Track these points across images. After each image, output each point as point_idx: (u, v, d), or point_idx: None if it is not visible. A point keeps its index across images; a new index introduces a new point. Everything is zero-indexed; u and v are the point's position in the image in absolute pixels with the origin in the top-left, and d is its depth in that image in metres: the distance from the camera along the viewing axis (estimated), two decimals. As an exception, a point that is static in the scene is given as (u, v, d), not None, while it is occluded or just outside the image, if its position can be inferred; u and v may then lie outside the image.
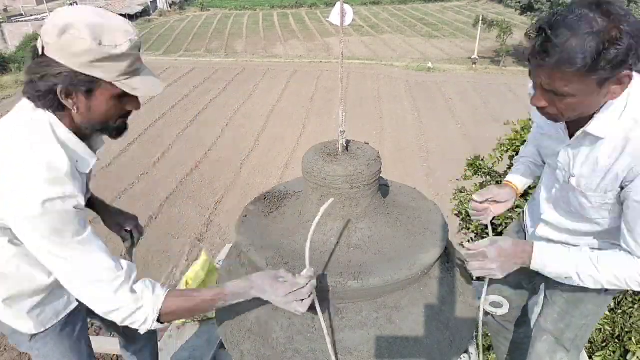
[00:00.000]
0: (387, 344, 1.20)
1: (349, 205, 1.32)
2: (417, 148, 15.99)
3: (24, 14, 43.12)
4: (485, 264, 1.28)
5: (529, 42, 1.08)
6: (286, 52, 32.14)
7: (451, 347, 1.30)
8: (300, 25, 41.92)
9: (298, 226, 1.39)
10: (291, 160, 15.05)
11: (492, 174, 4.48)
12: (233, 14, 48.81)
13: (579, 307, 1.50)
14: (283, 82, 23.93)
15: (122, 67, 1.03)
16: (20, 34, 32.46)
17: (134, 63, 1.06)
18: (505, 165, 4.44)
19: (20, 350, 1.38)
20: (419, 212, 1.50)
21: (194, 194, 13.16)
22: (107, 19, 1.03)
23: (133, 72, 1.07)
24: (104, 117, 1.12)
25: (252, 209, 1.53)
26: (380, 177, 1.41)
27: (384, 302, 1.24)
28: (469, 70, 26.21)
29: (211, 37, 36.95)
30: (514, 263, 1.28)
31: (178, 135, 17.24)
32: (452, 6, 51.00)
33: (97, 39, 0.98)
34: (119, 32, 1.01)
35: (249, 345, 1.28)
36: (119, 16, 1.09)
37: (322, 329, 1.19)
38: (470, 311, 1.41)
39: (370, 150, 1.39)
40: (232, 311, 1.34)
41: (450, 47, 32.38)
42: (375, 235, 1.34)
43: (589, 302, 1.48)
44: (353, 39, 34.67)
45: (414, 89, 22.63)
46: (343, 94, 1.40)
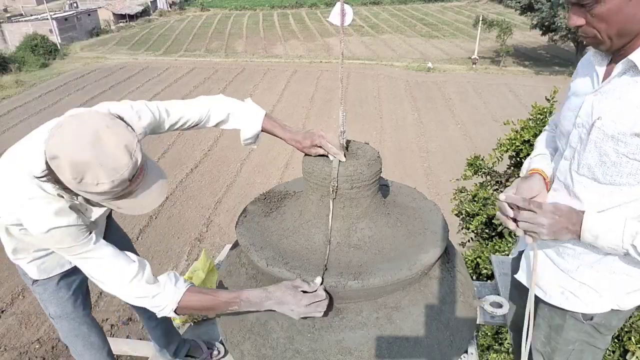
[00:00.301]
0: (387, 344, 1.20)
1: (349, 205, 1.32)
2: (417, 148, 15.98)
3: (24, 14, 43.11)
4: (537, 217, 1.12)
5: None
6: (286, 52, 32.13)
7: (451, 347, 1.30)
8: (300, 25, 41.92)
9: (298, 226, 1.39)
10: (291, 160, 15.06)
11: (492, 173, 4.49)
12: (233, 14, 48.82)
13: (560, 333, 1.42)
14: (283, 82, 23.93)
15: (107, 196, 1.04)
16: (20, 34, 32.44)
17: (122, 191, 1.04)
18: (505, 165, 4.45)
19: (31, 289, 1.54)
20: (419, 212, 1.50)
21: (194, 194, 13.17)
22: (100, 151, 0.97)
23: (120, 197, 1.06)
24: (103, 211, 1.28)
25: (252, 209, 1.53)
26: (380, 177, 1.41)
27: (384, 302, 1.24)
28: (469, 70, 26.20)
29: (211, 37, 36.95)
30: (565, 228, 1.12)
31: (178, 135, 17.23)
32: (452, 6, 51.01)
33: (77, 178, 0.98)
34: (104, 170, 0.97)
35: (249, 345, 1.28)
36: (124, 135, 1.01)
37: (322, 329, 1.19)
38: (470, 311, 1.41)
39: (370, 150, 1.39)
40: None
41: (450, 47, 32.38)
42: (375, 235, 1.34)
43: (570, 329, 1.38)
44: (353, 39, 34.67)
45: (414, 89, 22.63)
46: (343, 94, 1.40)
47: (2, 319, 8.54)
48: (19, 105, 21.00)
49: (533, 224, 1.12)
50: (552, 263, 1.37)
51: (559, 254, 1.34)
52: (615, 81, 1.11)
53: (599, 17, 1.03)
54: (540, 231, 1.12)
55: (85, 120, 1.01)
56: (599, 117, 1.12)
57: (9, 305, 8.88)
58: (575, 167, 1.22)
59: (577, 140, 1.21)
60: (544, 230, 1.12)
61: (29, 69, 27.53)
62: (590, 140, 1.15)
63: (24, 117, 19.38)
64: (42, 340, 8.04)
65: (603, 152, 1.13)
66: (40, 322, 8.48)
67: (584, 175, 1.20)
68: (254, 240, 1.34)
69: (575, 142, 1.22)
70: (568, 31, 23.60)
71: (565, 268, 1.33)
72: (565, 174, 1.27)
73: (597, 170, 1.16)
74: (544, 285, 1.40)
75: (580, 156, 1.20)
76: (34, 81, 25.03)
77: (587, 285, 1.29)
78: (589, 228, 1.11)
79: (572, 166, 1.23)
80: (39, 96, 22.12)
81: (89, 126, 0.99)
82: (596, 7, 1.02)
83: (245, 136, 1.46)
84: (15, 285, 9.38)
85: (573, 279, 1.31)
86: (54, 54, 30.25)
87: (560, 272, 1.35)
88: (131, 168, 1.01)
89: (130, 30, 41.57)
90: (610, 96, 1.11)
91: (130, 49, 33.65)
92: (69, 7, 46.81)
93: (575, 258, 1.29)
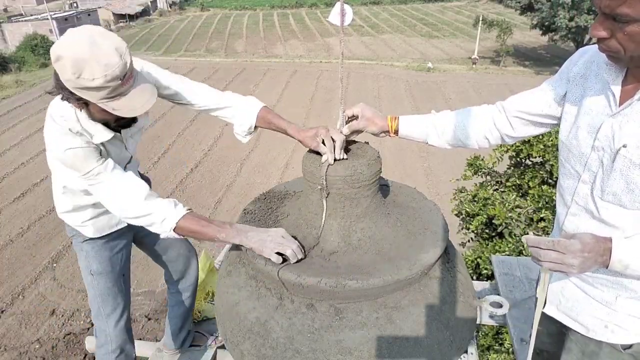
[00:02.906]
0: (387, 344, 1.20)
1: (349, 205, 1.32)
2: (417, 148, 15.97)
3: (24, 14, 43.11)
4: (566, 258, 1.05)
5: None
6: (286, 52, 32.13)
7: (451, 347, 1.30)
8: (300, 25, 41.92)
9: (298, 226, 1.39)
10: (291, 160, 15.05)
11: (492, 173, 4.49)
12: (233, 14, 48.81)
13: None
14: (283, 82, 23.92)
15: (102, 94, 1.21)
16: (20, 34, 32.46)
17: (116, 89, 1.21)
18: (505, 165, 4.45)
19: (75, 248, 1.75)
20: (419, 212, 1.49)
21: (194, 194, 13.16)
22: (95, 50, 1.16)
23: (114, 96, 1.23)
24: (102, 120, 1.38)
25: (252, 209, 1.53)
26: (381, 177, 1.41)
27: (384, 302, 1.24)
28: (469, 70, 26.20)
29: (211, 37, 36.95)
30: (595, 261, 1.06)
31: (178, 135, 17.24)
32: (452, 6, 51.00)
33: (76, 73, 1.16)
34: (99, 66, 1.15)
35: (249, 345, 1.28)
36: (114, 40, 1.20)
37: (322, 329, 1.19)
38: (470, 311, 1.41)
39: (370, 150, 1.39)
40: (232, 311, 1.34)
41: (450, 47, 32.38)
42: (375, 235, 1.34)
43: (605, 357, 1.30)
44: (353, 39, 34.67)
45: (414, 89, 22.62)
46: (343, 94, 1.40)
47: (2, 319, 8.54)
48: (19, 105, 21.00)
49: (562, 264, 1.06)
50: (586, 294, 1.29)
51: (590, 284, 1.27)
52: (637, 105, 1.06)
53: (631, 35, 0.96)
54: (569, 271, 1.06)
55: (82, 29, 1.21)
56: (624, 144, 1.07)
57: (9, 305, 8.88)
58: (599, 193, 1.17)
59: (598, 165, 1.16)
60: (574, 271, 1.06)
61: (29, 69, 27.54)
62: (615, 168, 1.11)
63: (24, 117, 19.38)
64: (42, 340, 8.04)
65: (630, 180, 1.09)
66: (40, 322, 8.48)
67: (609, 202, 1.15)
68: (254, 240, 1.34)
69: (595, 166, 1.17)
70: (568, 31, 23.61)
71: (603, 299, 1.26)
72: (586, 199, 1.22)
73: (624, 197, 1.12)
74: (584, 321, 1.32)
75: (604, 183, 1.15)
76: (34, 81, 25.02)
77: (632, 315, 1.23)
78: (619, 259, 1.05)
79: (595, 192, 1.18)
80: (39, 96, 22.10)
81: (86, 32, 1.19)
82: (632, 25, 0.94)
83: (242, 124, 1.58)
84: (15, 285, 9.39)
85: (616, 311, 1.24)
86: (54, 54, 30.19)
87: (598, 305, 1.27)
88: (122, 66, 1.18)
89: (130, 30, 41.57)
90: (633, 120, 1.07)
91: (130, 49, 33.31)
92: (69, 7, 46.84)
93: (610, 287, 1.23)
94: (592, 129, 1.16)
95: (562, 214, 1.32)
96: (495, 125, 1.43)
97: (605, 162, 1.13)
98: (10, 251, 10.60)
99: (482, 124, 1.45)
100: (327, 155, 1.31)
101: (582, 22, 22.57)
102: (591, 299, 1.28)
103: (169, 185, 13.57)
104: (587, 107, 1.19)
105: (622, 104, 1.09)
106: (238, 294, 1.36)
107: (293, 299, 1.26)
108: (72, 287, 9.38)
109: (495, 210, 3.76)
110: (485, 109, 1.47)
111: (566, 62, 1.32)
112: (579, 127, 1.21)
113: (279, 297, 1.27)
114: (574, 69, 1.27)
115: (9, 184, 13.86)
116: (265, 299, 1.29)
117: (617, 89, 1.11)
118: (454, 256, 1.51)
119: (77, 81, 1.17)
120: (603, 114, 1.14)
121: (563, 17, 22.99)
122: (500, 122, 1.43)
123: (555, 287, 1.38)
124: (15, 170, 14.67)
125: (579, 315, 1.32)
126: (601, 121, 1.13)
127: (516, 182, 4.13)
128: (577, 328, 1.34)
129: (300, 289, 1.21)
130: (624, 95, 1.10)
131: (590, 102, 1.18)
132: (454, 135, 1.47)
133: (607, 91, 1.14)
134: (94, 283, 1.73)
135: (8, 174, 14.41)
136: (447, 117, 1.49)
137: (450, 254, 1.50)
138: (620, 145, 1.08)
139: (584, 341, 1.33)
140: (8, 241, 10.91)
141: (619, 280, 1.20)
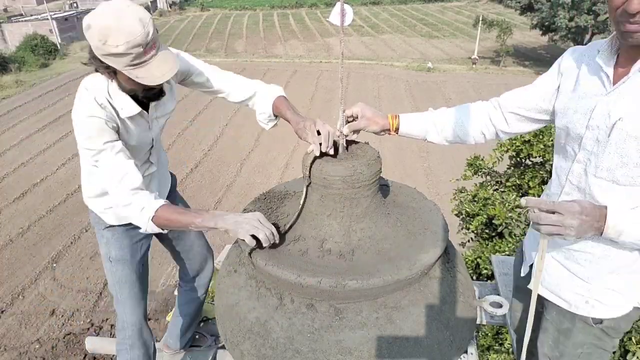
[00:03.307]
0: (387, 344, 1.20)
1: (349, 205, 1.32)
2: (417, 148, 15.98)
3: (24, 14, 43.10)
4: (565, 219, 1.06)
5: None
6: (286, 52, 32.13)
7: (451, 347, 1.30)
8: (300, 25, 41.91)
9: (298, 226, 1.39)
10: (291, 160, 15.06)
11: (492, 174, 4.49)
12: (233, 14, 48.81)
13: (569, 337, 1.41)
14: (283, 82, 23.89)
15: (126, 61, 1.29)
16: (20, 34, 32.41)
17: (139, 57, 1.29)
18: (505, 165, 4.45)
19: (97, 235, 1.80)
20: (419, 212, 1.49)
21: (194, 194, 13.16)
22: (120, 19, 1.25)
23: (138, 64, 1.31)
24: (131, 89, 1.45)
25: (252, 208, 1.53)
26: (381, 177, 1.41)
27: (384, 302, 1.24)
28: (469, 70, 26.21)
29: (211, 37, 36.96)
30: (591, 226, 1.08)
31: (178, 135, 17.24)
32: (452, 6, 51.00)
33: (102, 40, 1.26)
34: (122, 34, 1.24)
35: (249, 345, 1.28)
36: (139, 11, 1.29)
37: (322, 329, 1.19)
38: (470, 311, 1.41)
39: (370, 150, 1.39)
40: (232, 311, 1.34)
41: (450, 47, 32.38)
42: (375, 235, 1.34)
43: (579, 333, 1.38)
44: (353, 39, 34.67)
45: (414, 89, 22.63)
46: (343, 94, 1.40)
47: (2, 319, 8.55)
48: (19, 105, 21.00)
49: (561, 226, 1.07)
50: (569, 272, 1.34)
51: (574, 260, 1.32)
52: (634, 80, 1.10)
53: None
54: (567, 233, 1.08)
55: (112, 2, 1.30)
56: (620, 118, 1.10)
57: (9, 305, 8.88)
58: (593, 170, 1.20)
59: (593, 143, 1.19)
60: (572, 232, 1.07)
61: (29, 69, 27.52)
62: (610, 142, 1.14)
63: (24, 117, 19.38)
64: (41, 341, 8.04)
65: (625, 153, 1.12)
66: (40, 322, 8.48)
67: (602, 178, 1.18)
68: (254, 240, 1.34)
69: (590, 144, 1.20)
70: (568, 31, 23.61)
71: (585, 275, 1.30)
72: (580, 177, 1.25)
73: (618, 172, 1.15)
74: (566, 296, 1.37)
75: (598, 159, 1.18)
76: (34, 81, 25.02)
77: (612, 289, 1.27)
78: (613, 224, 1.07)
79: (589, 169, 1.21)
80: (39, 96, 22.12)
81: (114, 4, 1.29)
82: None
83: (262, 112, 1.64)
84: (15, 285, 9.39)
85: (596, 287, 1.29)
86: (54, 54, 30.22)
87: (579, 281, 1.32)
88: (144, 35, 1.27)
89: (130, 30, 41.48)
90: (628, 94, 1.10)
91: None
92: (69, 7, 46.82)
93: (594, 263, 1.27)
94: (587, 110, 1.20)
95: (556, 194, 1.36)
96: (491, 122, 1.48)
97: (601, 138, 1.17)
98: (10, 251, 10.60)
99: (479, 120, 1.49)
100: (312, 147, 1.33)
101: (582, 22, 22.58)
102: (573, 276, 1.34)
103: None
104: (582, 91, 1.24)
105: (615, 83, 1.14)
106: (238, 294, 1.36)
107: (293, 298, 1.26)
108: (72, 287, 9.39)
109: (495, 210, 3.77)
110: (481, 105, 1.52)
111: (557, 59, 1.38)
112: (575, 111, 1.25)
113: (279, 297, 1.27)
114: (565, 63, 1.33)
115: (9, 184, 13.86)
116: (265, 299, 1.29)
117: (610, 71, 1.16)
118: (454, 256, 1.51)
119: (103, 47, 1.27)
120: (597, 94, 1.19)
121: (563, 17, 23.00)
122: (496, 119, 1.48)
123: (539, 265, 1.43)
124: (15, 170, 14.67)
125: (561, 291, 1.38)
126: (596, 102, 1.18)
127: (516, 182, 4.13)
128: (559, 303, 1.39)
129: (300, 288, 1.21)
130: (617, 77, 1.14)
131: (584, 86, 1.24)
132: (453, 132, 1.51)
133: (600, 73, 1.19)
134: (113, 270, 1.78)
135: (8, 174, 14.41)
136: (445, 115, 1.53)
137: (450, 254, 1.50)
138: (615, 119, 1.12)
139: (558, 319, 1.40)
140: (8, 241, 10.91)
141: (606, 254, 1.24)
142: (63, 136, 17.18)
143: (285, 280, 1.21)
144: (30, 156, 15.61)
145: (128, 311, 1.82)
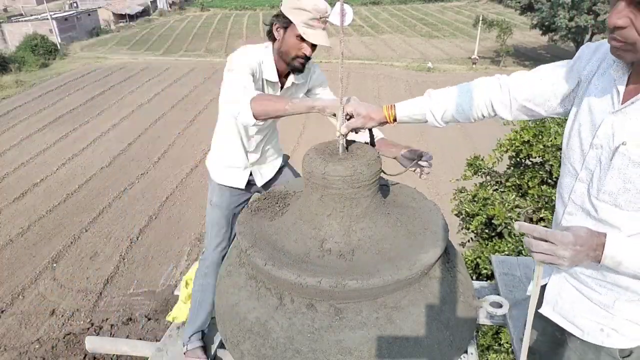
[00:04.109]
0: (387, 344, 1.20)
1: (349, 205, 1.32)
2: (417, 148, 15.98)
3: (24, 14, 43.12)
4: (557, 250, 1.02)
5: None
6: (286, 52, 32.09)
7: (451, 347, 1.30)
8: (300, 25, 41.87)
9: (298, 226, 1.39)
10: (291, 160, 15.03)
11: (492, 174, 4.49)
12: (233, 14, 48.82)
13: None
14: (283, 82, 23.91)
15: (305, 17, 1.67)
16: (20, 34, 32.41)
17: (313, 21, 1.68)
18: (505, 165, 4.45)
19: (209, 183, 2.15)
20: (419, 212, 1.50)
21: (194, 194, 13.16)
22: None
23: (311, 26, 1.69)
24: (287, 50, 1.79)
25: (253, 207, 1.53)
26: (380, 177, 1.41)
27: (384, 302, 1.24)
28: (469, 70, 26.19)
29: (211, 37, 36.95)
30: (586, 255, 1.04)
31: (178, 135, 17.24)
32: (452, 6, 51.00)
33: None
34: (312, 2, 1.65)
35: (249, 345, 1.28)
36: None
37: (322, 329, 1.19)
38: (470, 311, 1.41)
39: (370, 150, 1.39)
40: (232, 311, 1.34)
41: (450, 47, 32.38)
42: (375, 235, 1.34)
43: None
44: (353, 39, 34.67)
45: (414, 89, 22.60)
46: (343, 94, 1.40)
47: (2, 319, 8.54)
48: (19, 105, 20.99)
49: (552, 255, 1.03)
50: (583, 296, 1.27)
51: (589, 286, 1.25)
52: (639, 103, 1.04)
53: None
54: (560, 263, 1.03)
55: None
56: (623, 142, 1.05)
57: (8, 305, 8.88)
58: (595, 192, 1.15)
59: (596, 163, 1.14)
60: (564, 263, 1.03)
61: (29, 69, 27.52)
62: (612, 166, 1.09)
63: (24, 117, 19.38)
64: (41, 340, 8.04)
65: (627, 178, 1.07)
66: (40, 322, 8.48)
67: (605, 202, 1.13)
68: (254, 240, 1.34)
69: (593, 164, 1.15)
70: (568, 31, 23.60)
71: (601, 302, 1.23)
72: (583, 197, 1.20)
73: (620, 197, 1.09)
74: (579, 323, 1.29)
75: (601, 181, 1.13)
76: (34, 81, 25.02)
77: (630, 320, 1.20)
78: (611, 255, 1.03)
79: (591, 191, 1.16)
80: (39, 96, 22.12)
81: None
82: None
83: None
84: (15, 285, 9.39)
85: (614, 315, 1.22)
86: (54, 54, 30.23)
87: (595, 307, 1.25)
88: (324, 11, 1.67)
89: (130, 30, 41.59)
90: (635, 118, 1.05)
91: (130, 49, 33.64)
92: (69, 7, 46.85)
93: (610, 290, 1.21)
94: (593, 127, 1.14)
95: (560, 212, 1.31)
96: (492, 107, 1.38)
97: (604, 160, 1.12)
98: (10, 251, 10.59)
99: (480, 105, 1.39)
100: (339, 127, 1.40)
101: (582, 22, 22.57)
102: (589, 302, 1.26)
103: (169, 185, 13.57)
104: (592, 104, 1.17)
105: (624, 102, 1.08)
106: (238, 294, 1.36)
107: (293, 298, 1.26)
108: (72, 287, 9.38)
109: (495, 210, 3.77)
110: (484, 88, 1.39)
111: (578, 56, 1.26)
112: (581, 125, 1.19)
113: (279, 297, 1.27)
114: (587, 68, 1.22)
115: (9, 184, 13.85)
116: (265, 299, 1.29)
117: (622, 88, 1.09)
118: (454, 256, 1.51)
119: (296, 2, 1.66)
120: (605, 111, 1.12)
121: (563, 17, 22.98)
122: (499, 105, 1.37)
123: (552, 288, 1.37)
124: (15, 170, 14.67)
125: (575, 317, 1.30)
126: (602, 118, 1.11)
127: (516, 182, 4.13)
128: (572, 330, 1.32)
129: (300, 288, 1.21)
130: (627, 94, 1.08)
131: (595, 100, 1.16)
132: (452, 117, 1.42)
133: (612, 89, 1.12)
134: (210, 212, 2.13)
135: (8, 174, 14.40)
136: (445, 98, 1.41)
137: (450, 254, 1.50)
138: (619, 142, 1.06)
139: (582, 349, 1.31)
140: (8, 241, 10.90)
141: (618, 282, 1.18)
142: (63, 136, 17.18)
143: (285, 280, 1.21)
144: (30, 156, 15.60)
145: (212, 247, 2.12)
